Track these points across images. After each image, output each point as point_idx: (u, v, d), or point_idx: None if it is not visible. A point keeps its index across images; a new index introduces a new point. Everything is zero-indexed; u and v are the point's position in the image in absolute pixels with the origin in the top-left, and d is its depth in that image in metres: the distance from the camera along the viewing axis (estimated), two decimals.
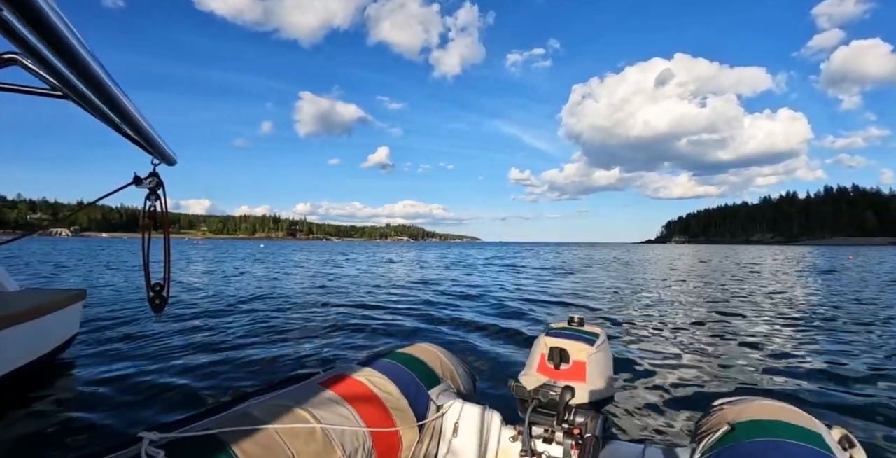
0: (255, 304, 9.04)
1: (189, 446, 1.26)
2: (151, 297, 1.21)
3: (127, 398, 3.64)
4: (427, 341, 2.87)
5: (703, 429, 1.67)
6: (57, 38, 0.55)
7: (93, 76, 0.72)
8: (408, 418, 1.85)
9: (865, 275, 17.75)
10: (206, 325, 6.70)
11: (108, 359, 4.69)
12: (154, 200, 1.20)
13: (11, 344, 3.50)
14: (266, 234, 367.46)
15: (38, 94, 1.10)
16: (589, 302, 9.74)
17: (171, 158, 1.19)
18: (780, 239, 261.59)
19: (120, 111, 0.86)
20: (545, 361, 1.94)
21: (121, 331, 6.05)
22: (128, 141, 1.12)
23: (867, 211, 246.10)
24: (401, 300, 9.80)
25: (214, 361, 4.79)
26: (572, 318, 2.23)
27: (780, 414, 1.57)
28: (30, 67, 1.00)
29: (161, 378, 4.11)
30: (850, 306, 8.88)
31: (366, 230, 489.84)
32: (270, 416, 1.49)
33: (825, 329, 6.54)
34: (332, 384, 1.82)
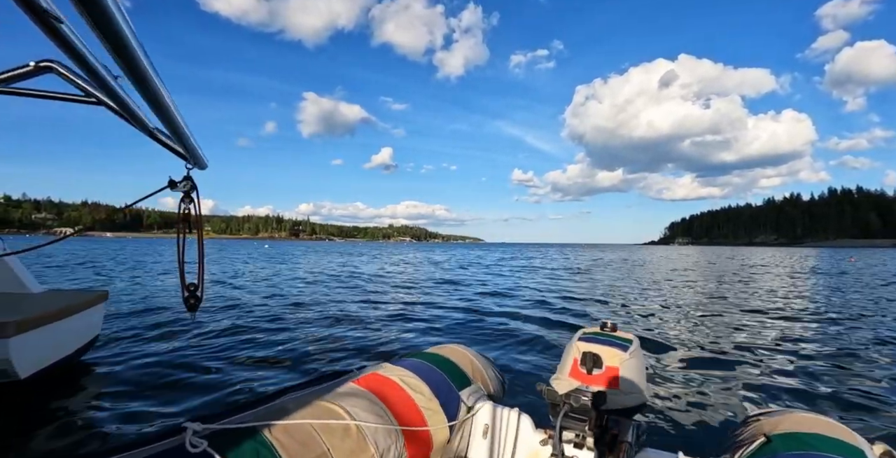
0: (281, 302, 9.05)
1: (230, 437, 1.31)
2: (186, 297, 1.24)
3: (150, 396, 3.70)
4: (457, 341, 2.87)
5: (739, 440, 1.66)
6: (102, 20, 0.53)
7: (148, 87, 0.72)
8: (439, 418, 1.86)
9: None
10: (232, 323, 6.74)
11: (131, 358, 4.75)
12: (188, 203, 1.22)
13: (38, 344, 3.55)
14: (269, 234, 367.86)
15: (73, 100, 1.12)
16: (615, 305, 9.73)
17: (204, 162, 1.22)
18: (784, 241, 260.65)
19: (165, 116, 0.86)
20: (577, 365, 1.95)
21: (142, 331, 6.07)
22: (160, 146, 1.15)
23: (871, 213, 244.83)
24: (427, 301, 9.85)
25: (239, 358, 4.86)
26: (605, 323, 2.23)
27: (820, 427, 1.53)
28: (65, 75, 1.01)
29: (185, 377, 4.18)
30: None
31: (368, 231, 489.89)
32: (307, 411, 1.53)
33: (867, 339, 6.24)
34: (366, 383, 1.85)
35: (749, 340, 6.14)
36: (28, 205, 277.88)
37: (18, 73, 1.11)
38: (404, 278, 16.59)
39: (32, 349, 3.48)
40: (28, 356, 3.43)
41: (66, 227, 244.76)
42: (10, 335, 3.16)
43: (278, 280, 14.63)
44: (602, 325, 2.26)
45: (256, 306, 8.64)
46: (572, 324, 7.22)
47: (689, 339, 6.14)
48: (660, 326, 7.14)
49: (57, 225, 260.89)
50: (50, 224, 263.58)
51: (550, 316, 8.11)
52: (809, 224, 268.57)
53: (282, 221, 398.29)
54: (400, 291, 12.23)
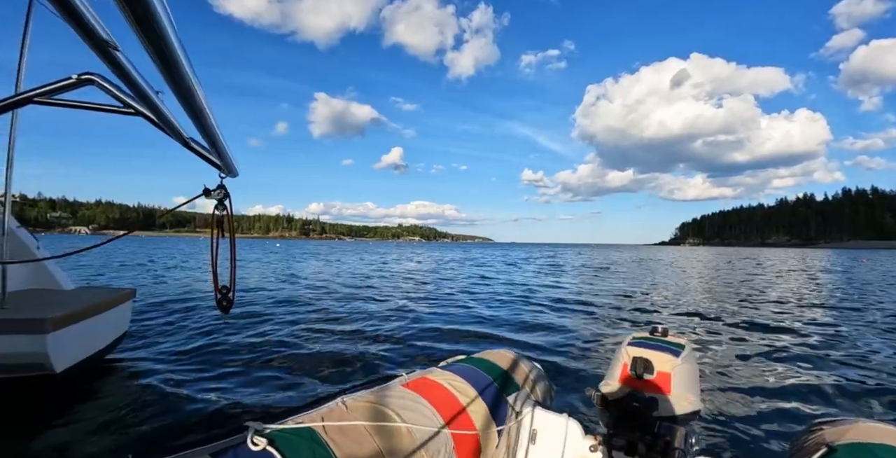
0: (319, 301, 9.03)
1: (288, 436, 1.36)
2: (219, 299, 1.28)
3: (177, 392, 3.76)
4: (504, 345, 2.80)
5: (799, 450, 1.61)
6: (160, 45, 0.56)
7: (192, 102, 0.75)
8: (487, 422, 1.86)
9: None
10: (262, 322, 6.73)
11: (159, 354, 4.86)
12: (222, 211, 1.27)
13: (73, 340, 3.66)
14: (279, 233, 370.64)
15: (113, 111, 1.16)
16: (657, 308, 9.61)
17: (236, 170, 1.26)
18: (797, 242, 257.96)
19: (203, 127, 0.90)
20: (627, 371, 1.90)
21: (169, 328, 6.14)
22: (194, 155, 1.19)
23: (886, 214, 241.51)
24: (466, 302, 9.80)
25: (270, 358, 4.89)
26: (656, 328, 2.19)
27: (889, 437, 1.44)
28: (106, 88, 1.05)
29: (213, 374, 4.26)
30: None
31: (378, 230, 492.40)
32: (360, 413, 1.58)
33: None
34: (416, 386, 1.87)
35: (806, 345, 5.87)
36: (43, 204, 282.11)
37: (61, 85, 1.16)
38: (438, 276, 16.62)
39: (67, 345, 3.60)
40: (63, 351, 3.54)
41: (81, 225, 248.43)
42: (47, 331, 3.29)
43: (315, 279, 14.67)
44: (653, 329, 2.22)
45: (286, 306, 8.62)
46: (621, 328, 7.09)
47: (741, 344, 5.90)
48: (711, 329, 6.92)
49: (72, 224, 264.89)
50: (65, 223, 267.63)
51: (595, 317, 8.02)
52: (823, 225, 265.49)
53: (292, 221, 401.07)
54: (436, 289, 12.27)
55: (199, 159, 1.24)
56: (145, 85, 0.76)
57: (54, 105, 1.26)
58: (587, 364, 4.85)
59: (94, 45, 0.63)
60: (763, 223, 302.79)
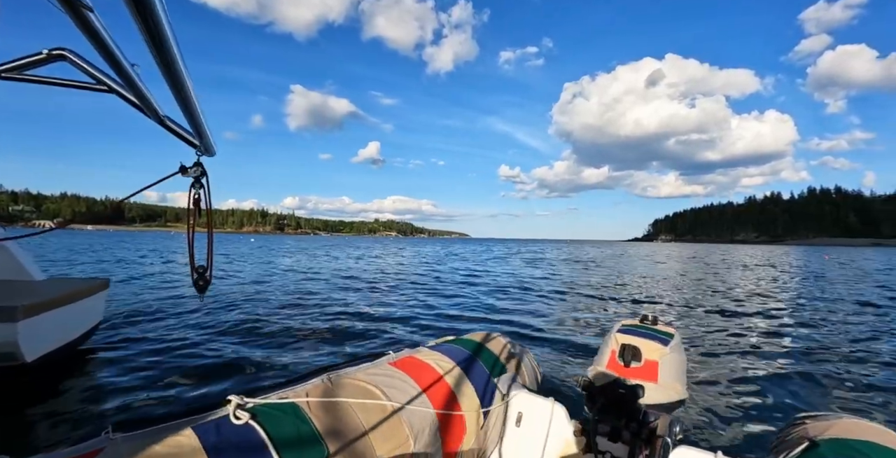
0: (314, 285, 8.75)
1: (271, 411, 1.35)
2: (196, 279, 1.25)
3: (152, 378, 3.76)
4: (494, 329, 2.79)
5: (783, 443, 1.63)
6: (160, 37, 0.54)
7: (174, 73, 0.72)
8: (473, 403, 1.88)
9: None
10: (239, 311, 6.56)
11: (132, 343, 4.82)
12: (198, 189, 1.24)
13: (44, 329, 3.64)
14: (253, 228, 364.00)
15: (85, 88, 1.11)
16: (644, 298, 9.77)
17: (213, 149, 1.22)
18: (765, 239, 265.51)
19: (184, 101, 0.87)
20: (615, 358, 1.93)
21: (143, 318, 6.07)
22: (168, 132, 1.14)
23: (850, 212, 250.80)
24: (456, 289, 9.93)
25: (247, 343, 4.84)
26: (646, 316, 2.21)
27: (871, 434, 1.47)
28: (78, 63, 1.01)
29: (188, 361, 4.23)
30: None
31: (354, 225, 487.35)
32: (344, 390, 1.58)
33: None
34: (402, 365, 1.88)
35: (796, 339, 5.95)
36: (5, 196, 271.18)
37: (31, 60, 1.11)
38: (426, 268, 16.56)
39: (38, 334, 3.58)
40: (34, 340, 3.52)
41: (46, 219, 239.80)
42: (17, 319, 3.27)
43: (306, 268, 14.37)
44: (643, 317, 2.22)
45: (268, 293, 8.45)
46: (610, 314, 7.18)
47: (730, 336, 5.97)
48: (701, 319, 6.98)
49: (36, 218, 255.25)
50: (28, 216, 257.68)
51: (583, 306, 8.11)
52: (790, 223, 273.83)
53: (267, 216, 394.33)
54: (423, 277, 12.19)
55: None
56: (120, 55, 0.73)
57: (23, 81, 1.19)
58: (576, 349, 4.85)
59: (66, 5, 0.59)
60: (733, 221, 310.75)
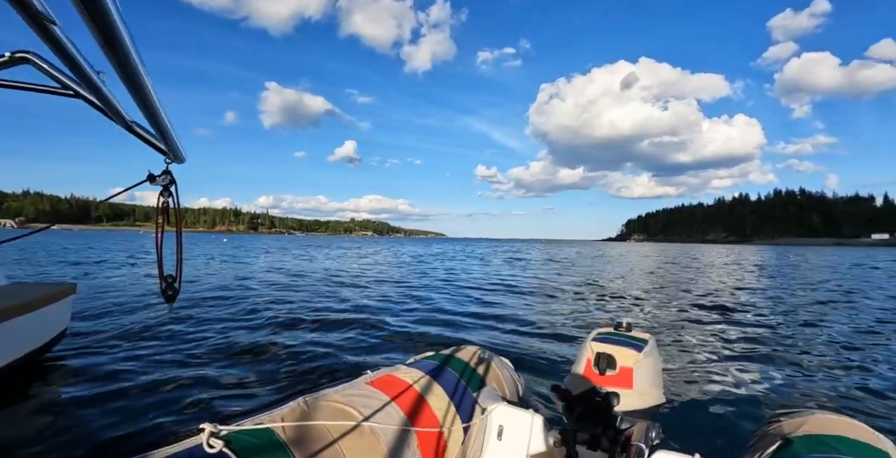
0: (275, 296, 8.68)
1: (246, 438, 1.33)
2: (164, 288, 1.23)
3: (122, 392, 3.59)
4: (473, 342, 2.78)
5: (758, 442, 1.65)
6: (100, 21, 0.53)
7: (136, 83, 0.71)
8: (452, 419, 1.89)
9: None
10: (216, 317, 6.44)
11: (101, 353, 4.61)
12: (167, 197, 1.23)
13: (2, 338, 3.46)
14: (226, 227, 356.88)
15: (49, 92, 1.08)
16: (621, 299, 9.88)
17: (183, 156, 1.21)
18: (734, 239, 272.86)
19: (149, 110, 0.85)
20: (591, 366, 1.96)
21: (113, 325, 5.84)
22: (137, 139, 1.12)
23: (813, 213, 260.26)
24: (433, 298, 9.68)
25: (220, 354, 4.70)
26: (620, 323, 2.25)
27: (842, 429, 1.50)
28: (43, 67, 0.97)
29: (160, 373, 4.07)
30: None
31: (330, 225, 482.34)
32: (321, 413, 1.56)
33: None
34: (380, 384, 1.88)
35: (772, 337, 6.04)
36: None
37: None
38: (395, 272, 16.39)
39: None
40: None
41: (7, 218, 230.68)
42: None
43: (266, 273, 14.12)
44: (617, 324, 2.26)
45: (242, 301, 8.31)
46: (589, 320, 7.20)
47: (708, 337, 6.02)
48: (677, 323, 7.02)
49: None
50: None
51: (564, 311, 8.11)
52: (757, 223, 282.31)
53: (240, 215, 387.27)
54: (397, 284, 12.10)
55: (141, 147, 1.17)
56: (85, 64, 0.72)
57: None
58: (556, 358, 4.86)
59: (29, 18, 0.58)
60: (703, 221, 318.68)
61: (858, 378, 4.27)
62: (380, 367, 2.10)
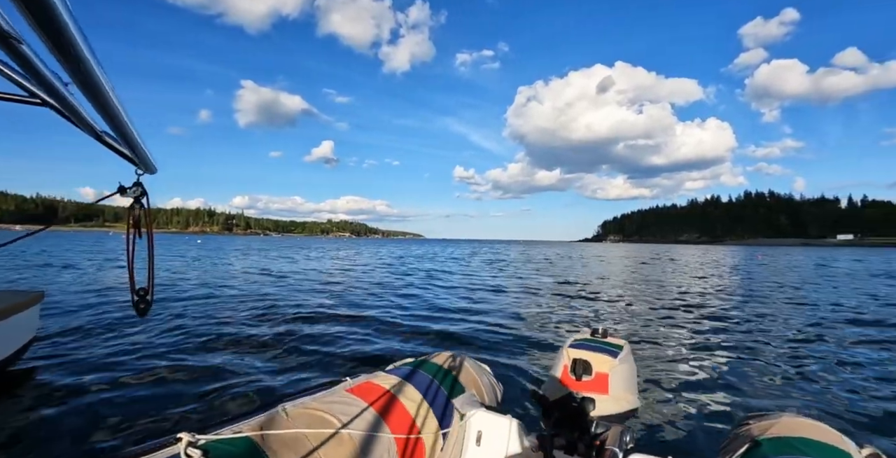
0: (256, 301, 8.57)
1: (224, 447, 1.32)
2: (136, 301, 1.21)
3: (94, 402, 3.49)
4: (453, 348, 2.78)
5: (729, 444, 1.70)
6: (61, 40, 0.52)
7: (99, 96, 0.71)
8: (431, 426, 1.90)
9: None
10: (182, 324, 6.30)
11: (71, 362, 4.46)
12: (138, 209, 1.21)
13: None
14: (200, 228, 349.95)
15: (17, 101, 1.04)
16: (606, 304, 9.97)
17: (154, 167, 1.20)
18: (706, 239, 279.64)
19: (115, 124, 0.84)
20: (568, 372, 2.00)
21: (82, 333, 5.65)
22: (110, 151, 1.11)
23: (781, 215, 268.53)
24: (413, 301, 9.63)
25: (194, 363, 4.57)
26: (596, 329, 2.29)
27: (808, 431, 1.56)
28: (9, 75, 0.95)
29: (133, 382, 3.97)
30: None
31: (307, 225, 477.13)
32: (300, 420, 1.56)
33: (863, 341, 6.15)
34: (359, 391, 1.87)
35: (745, 342, 6.11)
36: None
37: None
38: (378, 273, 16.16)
39: None
40: None
41: None
42: None
43: (250, 276, 13.81)
44: (593, 331, 2.30)
45: (219, 306, 8.15)
46: (570, 325, 7.23)
47: (683, 343, 6.06)
48: (653, 330, 7.08)
49: None
50: None
51: (545, 316, 8.14)
52: (728, 224, 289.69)
53: (214, 215, 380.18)
54: (376, 286, 11.99)
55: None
56: (53, 78, 0.71)
57: None
58: (536, 363, 4.88)
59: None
60: (677, 222, 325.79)
61: (825, 382, 4.38)
62: (359, 374, 2.09)
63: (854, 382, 4.37)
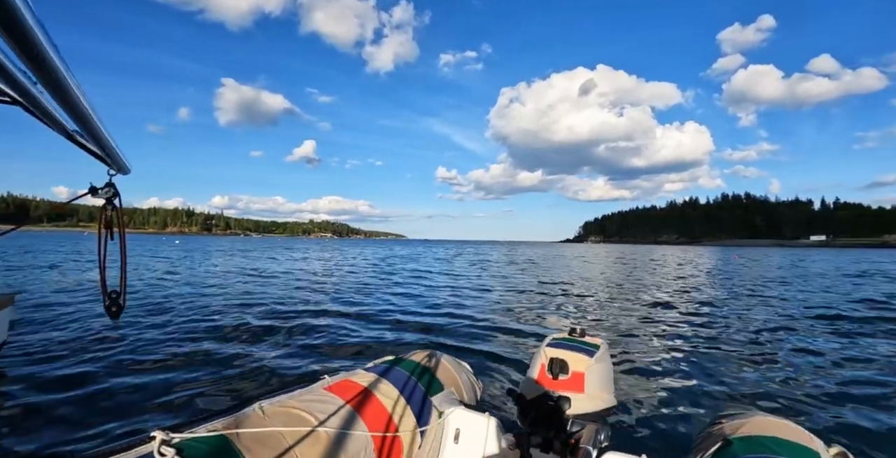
0: (231, 300, 8.41)
1: (198, 446, 1.30)
2: (108, 304, 1.19)
3: (67, 402, 3.45)
4: (434, 346, 2.79)
5: (702, 443, 1.73)
6: (24, 42, 0.52)
7: (66, 97, 0.70)
8: (410, 423, 1.91)
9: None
10: (163, 324, 6.19)
11: (42, 364, 4.38)
12: (110, 210, 1.19)
13: None
14: (178, 228, 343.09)
15: None
16: (585, 303, 10.03)
17: (128, 167, 1.18)
18: (685, 240, 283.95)
19: (84, 125, 0.84)
20: (545, 371, 2.04)
21: (54, 335, 5.54)
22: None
23: (757, 216, 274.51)
24: (394, 301, 9.62)
25: (175, 363, 4.53)
26: (574, 328, 2.34)
27: (778, 430, 1.59)
28: None
29: (106, 388, 3.85)
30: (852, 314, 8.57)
31: (288, 226, 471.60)
32: (277, 419, 1.55)
33: (837, 341, 6.18)
34: (337, 389, 1.88)
35: (721, 343, 6.17)
36: None
37: None
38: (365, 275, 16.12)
39: None
40: None
41: None
42: None
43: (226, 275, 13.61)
44: (571, 330, 2.35)
45: (195, 307, 8.01)
46: (548, 323, 7.30)
47: (659, 343, 6.13)
48: (631, 329, 7.16)
49: None
50: None
51: (524, 314, 8.20)
52: (706, 225, 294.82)
53: (193, 215, 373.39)
54: (364, 286, 11.94)
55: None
56: (22, 77, 0.70)
57: None
58: (514, 362, 4.91)
59: None
60: (656, 223, 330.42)
61: (796, 381, 4.47)
62: (338, 372, 2.09)
63: (825, 382, 4.44)
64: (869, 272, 20.53)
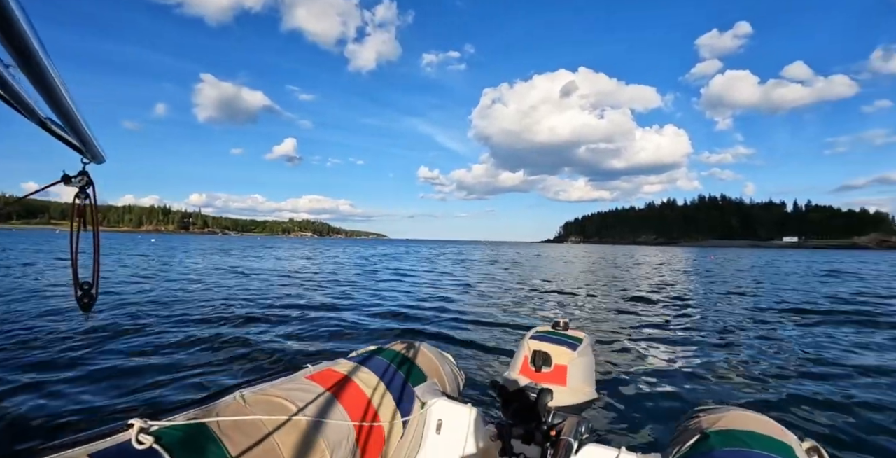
0: (222, 294, 8.22)
1: (177, 433, 1.29)
2: (80, 295, 1.14)
3: (43, 400, 3.35)
4: (415, 337, 2.81)
5: (679, 436, 1.76)
6: (19, 41, 0.50)
7: (42, 79, 0.67)
8: (391, 413, 1.91)
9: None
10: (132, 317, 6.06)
11: (14, 358, 4.30)
12: (84, 200, 1.15)
13: None
14: (154, 227, 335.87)
15: None
16: (567, 299, 10.18)
17: (102, 156, 1.15)
18: (663, 240, 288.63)
19: (59, 108, 0.80)
20: (528, 363, 2.06)
21: (29, 332, 5.39)
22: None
23: (732, 217, 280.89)
24: (378, 296, 9.61)
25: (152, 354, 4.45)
26: (558, 322, 2.36)
27: (753, 424, 1.63)
28: None
29: (81, 378, 3.80)
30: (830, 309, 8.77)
31: (267, 225, 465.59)
32: (258, 407, 1.53)
33: (817, 338, 6.25)
34: (320, 378, 1.86)
35: (693, 335, 6.34)
36: None
37: None
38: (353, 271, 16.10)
39: None
40: None
41: None
42: None
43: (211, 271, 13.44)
44: (554, 324, 2.37)
45: (172, 299, 7.88)
46: (530, 318, 7.37)
47: (642, 337, 6.24)
48: (615, 323, 7.24)
49: None
50: None
51: (507, 307, 8.28)
52: (684, 226, 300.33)
53: (169, 213, 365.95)
54: (347, 283, 11.87)
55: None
56: None
57: None
58: (498, 354, 4.97)
59: None
60: (636, 224, 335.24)
61: (772, 377, 4.56)
62: (321, 361, 2.08)
63: (797, 377, 4.54)
64: (838, 272, 21.18)
